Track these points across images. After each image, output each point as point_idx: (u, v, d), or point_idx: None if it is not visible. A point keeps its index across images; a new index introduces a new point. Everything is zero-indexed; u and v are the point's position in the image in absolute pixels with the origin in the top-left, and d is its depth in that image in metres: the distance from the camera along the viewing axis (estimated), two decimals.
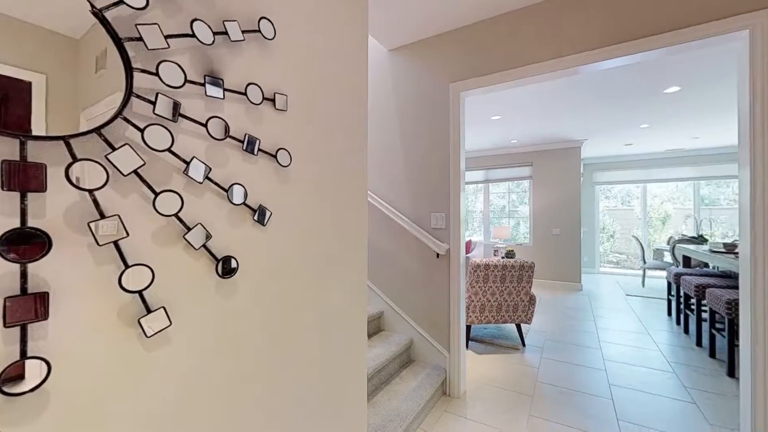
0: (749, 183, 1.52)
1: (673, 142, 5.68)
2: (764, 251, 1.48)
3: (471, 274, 2.98)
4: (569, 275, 5.61)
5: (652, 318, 3.96)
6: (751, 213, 1.51)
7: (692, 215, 6.62)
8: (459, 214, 2.27)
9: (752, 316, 1.51)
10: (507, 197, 7.14)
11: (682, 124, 4.57)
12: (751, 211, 1.51)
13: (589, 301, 4.77)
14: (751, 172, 1.52)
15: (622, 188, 8.38)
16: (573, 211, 5.59)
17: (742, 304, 1.57)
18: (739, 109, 1.60)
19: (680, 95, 3.52)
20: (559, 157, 5.71)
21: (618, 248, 8.41)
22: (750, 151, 1.52)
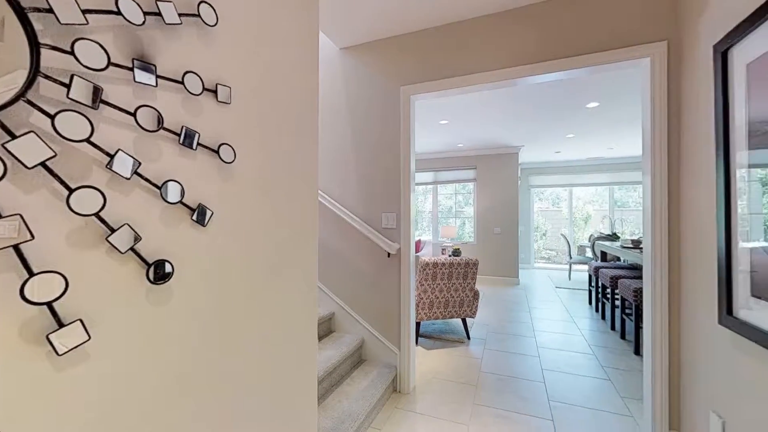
0: (650, 188, 1.79)
1: (593, 151, 6.44)
2: (661, 246, 1.75)
3: (420, 273, 3.08)
4: (508, 271, 6.06)
5: (576, 307, 4.44)
6: (651, 213, 1.77)
7: (608, 216, 7.55)
8: (409, 214, 2.33)
9: (652, 302, 1.77)
10: (454, 198, 7.50)
11: (599, 136, 5.20)
12: (651, 212, 1.77)
13: (525, 294, 5.21)
14: (651, 178, 1.78)
15: (552, 191, 9.31)
16: (512, 211, 6.06)
17: (645, 291, 1.83)
18: (642, 125, 1.87)
19: (599, 110, 4.01)
20: (499, 161, 6.15)
21: (549, 245, 9.32)
22: (651, 161, 1.78)
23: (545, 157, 6.94)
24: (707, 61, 1.45)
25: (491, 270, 6.18)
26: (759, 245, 1.14)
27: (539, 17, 1.97)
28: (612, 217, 7.34)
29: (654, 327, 1.76)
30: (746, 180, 1.20)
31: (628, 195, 8.74)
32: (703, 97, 1.49)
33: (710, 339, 1.44)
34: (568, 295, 5.12)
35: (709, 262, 1.45)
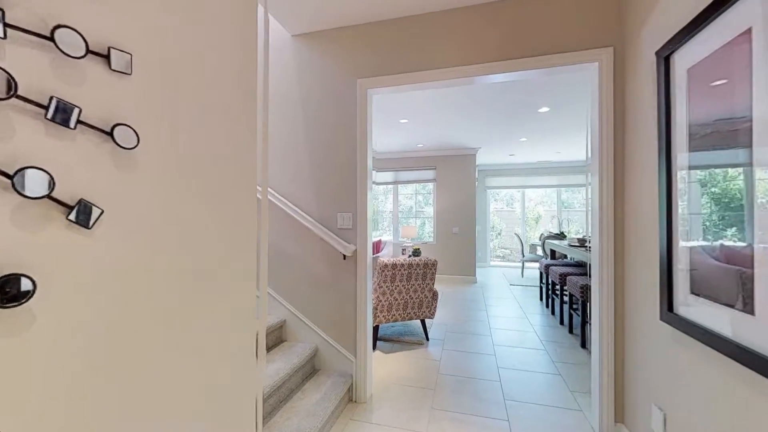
0: (597, 188, 1.84)
1: (542, 155, 6.80)
2: (607, 244, 1.81)
3: (379, 275, 2.98)
4: (466, 270, 6.20)
5: (529, 303, 4.63)
6: (599, 212, 1.83)
7: (556, 216, 8.04)
8: (366, 213, 2.22)
9: (599, 298, 1.83)
10: (414, 198, 7.54)
11: (549, 140, 5.48)
12: (599, 211, 1.83)
13: (482, 292, 5.34)
14: (599, 179, 1.84)
15: (506, 192, 9.76)
16: (469, 211, 6.20)
17: (592, 289, 1.89)
18: (591, 126, 1.93)
19: (549, 116, 4.20)
20: (458, 162, 6.27)
21: (504, 244, 9.75)
22: (598, 162, 1.84)
23: (500, 159, 7.21)
24: (650, 66, 1.51)
25: (450, 269, 6.28)
26: (698, 244, 1.18)
27: (497, 16, 1.96)
28: (560, 217, 7.82)
29: (601, 323, 1.82)
30: (686, 181, 1.25)
31: (574, 197, 9.41)
32: (647, 101, 1.55)
33: (652, 334, 1.50)
34: (522, 292, 5.34)
35: (651, 260, 1.51)
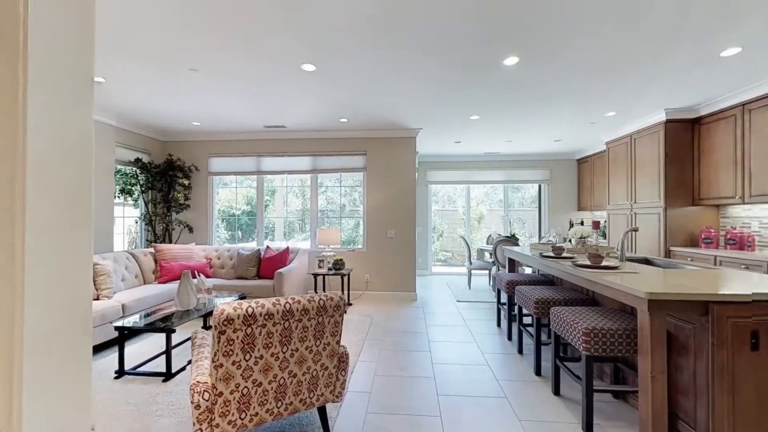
0: None
1: (491, 145, 5.81)
2: None
3: (217, 339, 1.41)
4: (404, 284, 4.88)
5: (485, 334, 3.43)
6: None
7: (506, 216, 7.19)
8: None
9: None
10: (340, 191, 6.03)
11: (506, 118, 4.40)
12: None
13: (423, 316, 4.05)
14: None
15: (446, 191, 8.79)
16: (408, 210, 4.89)
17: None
18: None
19: (517, 70, 3.02)
20: (394, 146, 4.92)
21: (445, 246, 8.77)
22: None
23: (444, 148, 6.07)
24: None
25: (383, 284, 4.90)
26: None
27: None
28: (510, 218, 6.96)
29: None
30: None
31: (515, 195, 8.80)
32: None
33: None
34: (473, 313, 4.17)
35: None
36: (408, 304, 4.63)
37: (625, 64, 2.81)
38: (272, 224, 6.98)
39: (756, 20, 2.17)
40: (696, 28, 2.27)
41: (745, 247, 3.45)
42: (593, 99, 3.62)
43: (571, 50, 2.56)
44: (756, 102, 3.26)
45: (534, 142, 5.64)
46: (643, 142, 4.34)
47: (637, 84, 3.22)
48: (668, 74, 2.99)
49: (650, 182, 4.22)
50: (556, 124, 4.57)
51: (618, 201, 4.87)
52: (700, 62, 2.76)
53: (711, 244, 3.74)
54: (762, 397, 1.52)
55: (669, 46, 2.50)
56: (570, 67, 2.84)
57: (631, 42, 2.45)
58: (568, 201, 6.76)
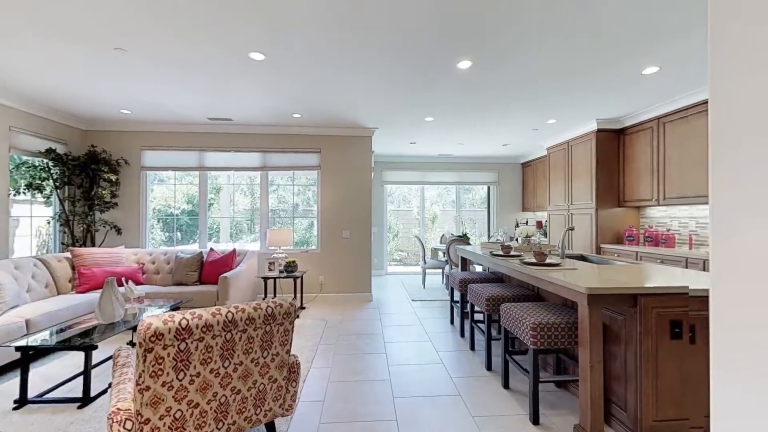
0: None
1: (444, 146, 5.98)
2: None
3: (142, 358, 1.22)
4: (359, 285, 4.81)
5: (439, 332, 3.49)
6: None
7: (458, 216, 7.44)
8: None
9: None
10: (301, 192, 5.78)
11: (459, 121, 4.53)
12: None
13: (379, 316, 4.01)
14: None
15: (402, 191, 8.91)
16: (364, 210, 4.83)
17: None
18: None
19: (470, 74, 3.10)
20: (350, 144, 4.82)
21: (400, 246, 8.87)
22: None
23: (400, 148, 6.12)
24: None
25: (338, 286, 4.78)
26: None
27: None
28: (463, 218, 7.21)
29: None
30: None
31: (465, 196, 9.19)
32: None
33: None
34: (427, 312, 4.23)
35: None
36: (364, 305, 4.57)
37: (565, 76, 3.02)
38: (217, 225, 6.49)
39: (674, 43, 2.46)
40: (622, 48, 2.51)
41: (659, 244, 3.92)
42: (537, 107, 3.86)
43: (521, 57, 2.69)
44: (669, 116, 3.72)
45: (484, 146, 5.91)
46: (578, 148, 4.75)
47: (575, 94, 3.49)
48: (600, 88, 3.29)
49: (584, 185, 4.62)
50: (504, 129, 4.82)
51: (557, 202, 5.28)
52: (626, 78, 3.07)
53: (633, 242, 4.19)
54: (683, 380, 1.70)
55: (600, 62, 2.74)
56: (518, 73, 2.99)
57: (571, 55, 2.64)
58: (514, 202, 7.19)
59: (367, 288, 4.80)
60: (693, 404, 1.71)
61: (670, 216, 4.02)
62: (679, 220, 3.90)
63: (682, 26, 2.25)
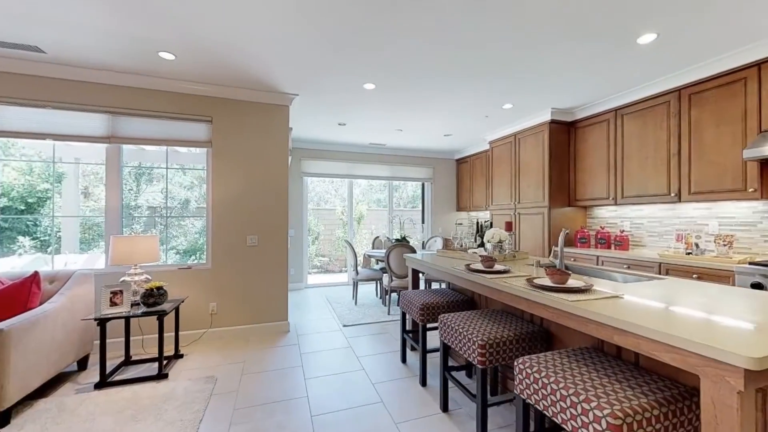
0: None
1: (378, 134, 5.02)
2: None
3: None
4: (272, 311, 3.47)
5: (395, 386, 2.46)
6: None
7: (397, 216, 6.56)
8: None
9: None
10: (196, 185, 4.09)
11: (403, 93, 3.59)
12: None
13: (300, 360, 2.79)
14: None
15: (322, 187, 7.68)
16: (279, 207, 3.51)
17: None
18: None
19: (440, 17, 2.15)
20: (257, 114, 3.45)
21: (321, 250, 7.63)
22: None
23: (326, 131, 4.92)
24: None
25: (240, 315, 3.36)
26: None
27: None
28: (401, 219, 6.34)
29: None
30: None
31: (393, 194, 8.43)
32: None
33: None
34: (367, 344, 3.17)
35: None
36: (278, 340, 3.26)
37: (530, 50, 2.32)
38: (58, 228, 4.30)
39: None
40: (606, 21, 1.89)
41: (612, 246, 3.64)
42: (496, 87, 3.17)
43: (491, 14, 1.85)
44: (628, 107, 3.42)
45: (424, 135, 5.14)
46: (528, 141, 4.31)
47: (534, 76, 2.88)
48: (565, 69, 2.72)
49: (535, 182, 4.19)
50: (455, 112, 4.07)
51: (501, 201, 4.81)
52: (593, 58, 2.54)
53: (585, 244, 3.87)
54: None
55: (563, 39, 2.10)
56: (485, 36, 2.17)
57: (539, 27, 1.91)
58: (449, 201, 6.67)
59: (282, 314, 3.50)
60: None
61: (620, 216, 3.79)
62: (631, 220, 3.67)
63: None
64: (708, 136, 2.79)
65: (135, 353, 2.91)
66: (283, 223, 3.51)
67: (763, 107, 2.47)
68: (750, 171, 2.53)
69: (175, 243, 4.48)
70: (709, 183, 2.78)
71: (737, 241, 2.82)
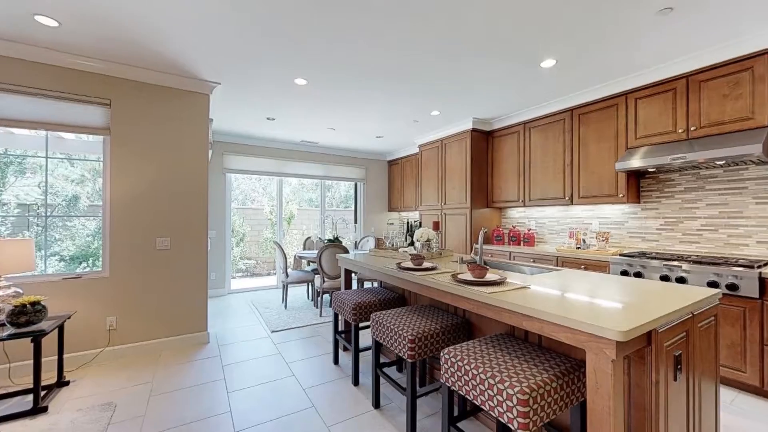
0: None
1: (311, 131, 4.90)
2: None
3: None
4: (189, 321, 3.12)
5: (328, 389, 2.42)
6: None
7: (323, 215, 6.42)
8: None
9: None
10: (90, 179, 3.40)
11: (335, 96, 3.56)
12: None
13: (222, 372, 2.56)
14: None
15: (249, 184, 7.20)
16: (197, 205, 3.18)
17: None
18: None
19: (377, 14, 2.18)
20: (171, 101, 3.07)
21: (247, 252, 7.12)
22: None
23: (253, 126, 4.61)
24: None
25: (148, 329, 2.95)
26: None
27: None
28: (333, 218, 6.23)
29: None
30: None
31: (325, 194, 8.30)
32: None
33: None
34: (298, 348, 3.06)
35: None
36: (195, 352, 2.95)
37: (455, 62, 2.55)
38: None
39: (561, 47, 2.29)
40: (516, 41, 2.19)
41: (521, 243, 4.14)
42: (424, 94, 3.35)
43: (418, 22, 1.98)
44: (535, 122, 3.92)
45: (357, 136, 5.17)
46: (453, 147, 4.64)
47: (458, 87, 3.15)
48: (484, 82, 3.03)
49: (458, 185, 4.53)
50: (386, 114, 4.18)
51: (429, 202, 5.09)
52: (507, 75, 2.89)
53: (500, 241, 4.32)
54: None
55: (484, 54, 2.38)
56: (414, 44, 2.30)
57: (461, 41, 2.13)
58: (381, 201, 6.82)
59: (200, 324, 3.17)
60: None
61: (527, 216, 4.32)
62: (536, 220, 4.22)
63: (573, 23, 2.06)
64: (592, 151, 3.35)
65: (1, 386, 2.34)
66: (202, 224, 3.19)
67: (629, 129, 3.06)
68: (620, 180, 3.12)
69: (59, 248, 3.74)
70: (592, 189, 3.34)
71: (612, 237, 3.45)
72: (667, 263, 2.52)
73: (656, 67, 2.82)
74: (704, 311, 1.45)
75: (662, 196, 3.08)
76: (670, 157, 2.61)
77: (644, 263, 2.65)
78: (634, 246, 3.27)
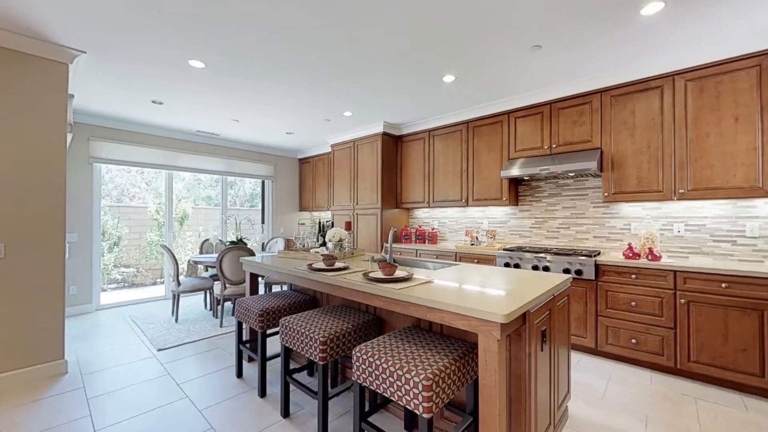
0: None
1: (212, 121, 4.39)
2: None
3: None
4: (39, 349, 2.45)
5: (230, 406, 2.19)
6: None
7: (224, 215, 5.80)
8: None
9: None
10: None
11: (238, 86, 3.28)
12: None
13: (87, 408, 2.09)
14: None
15: (129, 177, 6.05)
16: (48, 202, 2.51)
17: None
18: None
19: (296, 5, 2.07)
20: (11, 68, 2.35)
21: (125, 260, 5.97)
22: None
23: (134, 110, 3.89)
24: None
25: None
26: None
27: None
28: (237, 218, 5.64)
29: None
30: None
31: (228, 192, 7.56)
32: None
33: None
34: (193, 365, 2.70)
35: None
36: (49, 387, 2.33)
37: (368, 64, 2.66)
38: None
39: (461, 61, 2.61)
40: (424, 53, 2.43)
41: (426, 241, 4.49)
42: (337, 93, 3.36)
43: (333, 20, 2.01)
44: (438, 130, 4.29)
45: (265, 130, 4.84)
46: (365, 149, 4.75)
47: (369, 92, 3.27)
48: (394, 89, 3.22)
49: (370, 186, 4.66)
50: (296, 111, 4.02)
51: (342, 202, 5.10)
52: (415, 85, 3.13)
53: (408, 239, 4.61)
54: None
55: (398, 63, 2.57)
56: (329, 41, 2.30)
57: (373, 46, 2.27)
58: (292, 201, 6.53)
59: (54, 351, 2.52)
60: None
61: (432, 216, 4.71)
62: (439, 220, 4.63)
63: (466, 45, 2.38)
64: (483, 160, 3.85)
65: None
66: (57, 225, 2.54)
67: (510, 142, 3.61)
68: (504, 186, 3.66)
69: None
70: (483, 193, 3.84)
71: (498, 234, 4.01)
72: (537, 255, 3.07)
73: (530, 93, 3.40)
74: (561, 293, 1.81)
75: (533, 200, 3.72)
76: (539, 168, 3.18)
77: (521, 256, 3.17)
78: (514, 242, 3.87)
